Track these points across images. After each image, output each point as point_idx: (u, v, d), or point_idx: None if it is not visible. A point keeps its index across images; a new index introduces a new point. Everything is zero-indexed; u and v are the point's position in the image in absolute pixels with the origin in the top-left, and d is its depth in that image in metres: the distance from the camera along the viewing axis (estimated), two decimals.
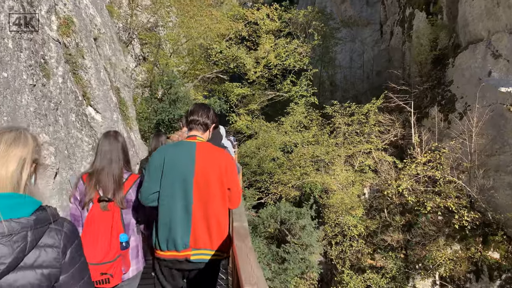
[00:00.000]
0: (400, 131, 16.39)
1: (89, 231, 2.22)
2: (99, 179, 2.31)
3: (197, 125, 2.37)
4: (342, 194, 12.99)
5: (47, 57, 3.70)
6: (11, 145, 1.10)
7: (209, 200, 2.18)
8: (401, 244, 13.84)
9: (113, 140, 2.42)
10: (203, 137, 2.40)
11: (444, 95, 15.58)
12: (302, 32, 21.49)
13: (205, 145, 2.33)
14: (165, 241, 2.18)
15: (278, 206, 9.39)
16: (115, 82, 5.47)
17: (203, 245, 2.19)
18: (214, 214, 2.20)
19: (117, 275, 2.25)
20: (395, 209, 15.17)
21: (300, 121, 16.21)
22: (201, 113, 2.40)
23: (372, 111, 14.41)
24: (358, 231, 12.29)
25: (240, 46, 14.72)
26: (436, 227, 13.18)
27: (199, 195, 2.17)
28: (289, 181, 13.53)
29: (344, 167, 14.39)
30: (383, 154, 14.43)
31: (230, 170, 2.28)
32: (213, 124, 2.45)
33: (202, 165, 2.21)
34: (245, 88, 17.78)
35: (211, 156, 2.27)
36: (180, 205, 2.16)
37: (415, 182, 12.31)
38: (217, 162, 2.24)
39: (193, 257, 2.18)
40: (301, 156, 14.44)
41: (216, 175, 2.22)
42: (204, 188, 2.18)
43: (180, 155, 2.23)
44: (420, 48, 17.67)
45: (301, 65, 19.77)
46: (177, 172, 2.18)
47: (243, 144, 19.20)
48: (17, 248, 1.03)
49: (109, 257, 2.20)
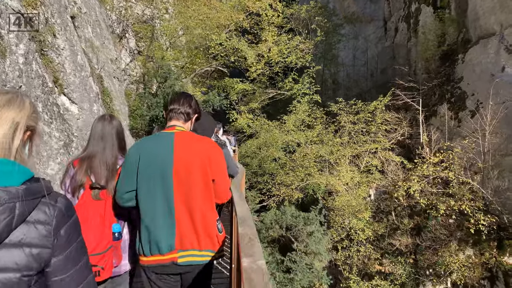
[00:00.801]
0: (408, 130, 15.74)
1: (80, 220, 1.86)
2: (91, 165, 2.16)
3: (177, 114, 2.15)
4: (348, 196, 12.33)
5: (3, 31, 3.03)
6: (4, 107, 1.03)
7: (192, 194, 1.97)
8: (410, 249, 13.18)
9: (107, 124, 2.26)
10: (184, 127, 2.15)
11: (453, 92, 14.93)
12: (304, 28, 20.82)
13: (184, 134, 2.08)
14: (147, 245, 1.96)
15: (283, 210, 8.69)
16: (98, 70, 4.79)
17: (190, 245, 1.97)
18: (199, 209, 1.98)
19: (108, 268, 2.10)
20: (403, 211, 14.51)
21: (303, 119, 15.55)
22: (182, 101, 2.18)
23: (379, 109, 13.74)
24: (366, 235, 11.62)
25: (241, 38, 13.89)
26: (447, 231, 12.52)
27: (181, 189, 1.96)
28: (292, 183, 12.86)
29: (349, 168, 13.73)
30: (390, 154, 13.76)
31: (215, 160, 2.05)
32: (195, 114, 2.23)
33: (181, 156, 1.98)
34: (246, 84, 16.94)
35: (192, 145, 2.03)
36: (161, 203, 1.95)
37: (426, 183, 11.64)
38: (199, 152, 2.02)
39: (180, 259, 1.96)
40: (304, 156, 13.77)
41: (199, 165, 1.99)
42: (186, 181, 1.96)
43: (157, 148, 2.00)
44: (427, 44, 17.04)
45: (303, 62, 19.10)
46: (154, 166, 1.96)
47: (243, 143, 18.57)
48: (3, 220, 0.92)
49: (100, 248, 2.05)
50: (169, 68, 8.13)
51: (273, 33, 16.16)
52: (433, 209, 11.25)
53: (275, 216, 8.73)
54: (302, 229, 7.99)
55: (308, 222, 8.27)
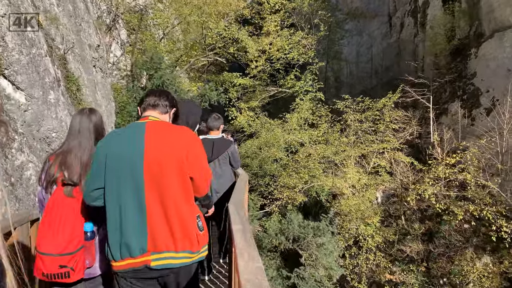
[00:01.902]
0: (417, 129, 14.91)
1: (50, 217, 1.98)
2: (65, 160, 2.07)
3: (152, 106, 1.97)
4: (356, 199, 11.49)
5: None
6: None
7: (166, 190, 1.76)
8: (422, 256, 12.33)
9: (85, 118, 2.16)
10: (160, 118, 1.95)
11: (466, 89, 14.12)
12: (306, 23, 19.97)
13: (158, 124, 1.87)
14: (117, 248, 1.76)
15: (289, 218, 7.83)
16: (61, 50, 3.89)
17: (165, 247, 1.76)
18: (174, 207, 1.78)
19: (79, 269, 1.99)
20: (413, 215, 13.68)
21: (307, 118, 14.70)
22: (159, 94, 2.03)
23: (388, 106, 12.90)
24: (375, 242, 10.78)
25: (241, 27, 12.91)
26: (462, 237, 11.69)
27: (153, 186, 1.76)
28: (296, 185, 12.01)
29: (356, 169, 12.89)
30: (399, 154, 12.93)
31: (192, 154, 1.83)
32: (173, 108, 2.05)
33: (153, 148, 1.77)
34: (247, 79, 15.96)
35: (165, 136, 1.82)
36: (131, 201, 1.75)
37: (442, 186, 10.80)
38: (174, 143, 1.81)
39: (154, 262, 1.75)
40: (308, 157, 12.93)
41: (173, 159, 1.77)
42: (159, 177, 1.76)
43: (126, 140, 1.82)
44: (436, 38, 16.24)
45: (305, 59, 18.28)
46: (123, 161, 1.77)
47: (243, 144, 17.77)
48: None
49: (70, 248, 1.94)
50: (160, 58, 7.24)
51: (276, 23, 15.18)
52: (449, 214, 10.40)
53: (280, 225, 7.85)
54: (311, 241, 7.14)
55: (318, 233, 7.41)
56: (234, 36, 11.99)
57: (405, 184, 13.72)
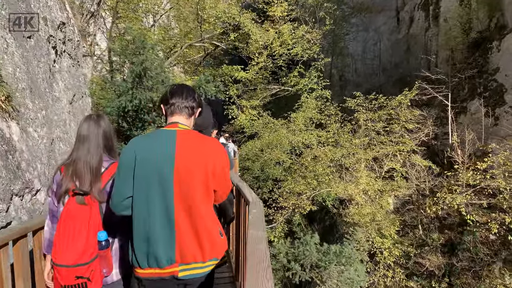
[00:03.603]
0: (433, 129, 13.73)
1: (64, 228, 1.92)
2: (75, 169, 1.98)
3: (181, 109, 1.82)
4: (370, 207, 10.28)
5: None
6: None
7: (194, 202, 1.69)
8: (443, 270, 11.13)
9: (93, 124, 2.07)
10: (187, 124, 1.84)
11: (487, 85, 12.94)
12: (311, 17, 18.80)
13: (188, 134, 1.77)
14: (144, 257, 1.70)
15: (305, 241, 6.55)
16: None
17: (193, 258, 1.71)
18: (201, 218, 1.71)
19: (96, 279, 1.94)
20: (431, 224, 12.49)
21: (313, 117, 13.49)
22: (185, 94, 1.85)
23: (404, 104, 11.70)
24: (393, 256, 9.57)
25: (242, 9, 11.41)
26: (489, 249, 10.49)
27: (182, 196, 1.68)
28: (303, 192, 10.79)
29: (368, 174, 11.68)
30: (416, 157, 11.73)
31: (220, 167, 1.75)
32: (199, 108, 1.92)
33: (184, 158, 1.69)
34: (250, 72, 14.59)
35: (196, 146, 1.73)
36: (159, 212, 1.68)
37: (473, 195, 9.59)
38: (204, 155, 1.71)
39: (181, 273, 1.72)
40: (316, 160, 11.71)
41: (201, 170, 1.69)
42: (187, 187, 1.68)
43: (156, 149, 1.69)
44: (451, 32, 15.07)
45: (310, 54, 17.10)
46: (153, 170, 1.66)
47: (243, 145, 16.61)
48: None
49: (85, 258, 1.89)
50: (143, 41, 5.96)
51: (283, 7, 13.78)
52: (480, 226, 9.20)
53: (293, 250, 6.54)
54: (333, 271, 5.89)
55: (342, 260, 6.14)
56: (235, 21, 10.60)
57: (422, 190, 12.53)
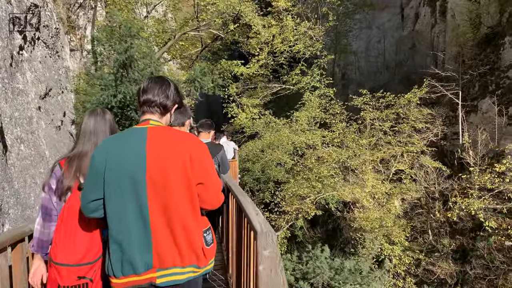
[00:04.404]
0: (441, 129, 13.12)
1: (66, 225, 1.81)
2: (80, 164, 1.87)
3: (151, 107, 1.69)
4: (378, 212, 9.66)
5: None
6: None
7: (170, 202, 1.56)
8: (456, 278, 10.52)
9: (100, 119, 2.00)
10: (161, 121, 1.70)
11: (500, 83, 12.34)
12: (313, 12, 18.17)
13: (160, 130, 1.64)
14: (119, 264, 1.57)
15: (314, 255, 5.94)
16: None
17: (172, 262, 1.58)
18: (180, 219, 1.58)
19: (98, 280, 1.82)
20: (440, 229, 11.88)
21: (317, 116, 12.87)
22: (157, 90, 1.70)
23: (413, 102, 11.08)
24: (404, 265, 8.95)
25: None
26: (506, 257, 9.88)
27: (157, 197, 1.56)
28: (307, 195, 10.17)
29: (375, 176, 11.06)
30: (426, 158, 11.12)
31: (198, 158, 1.60)
32: (174, 105, 1.77)
33: (156, 156, 1.57)
34: (251, 67, 13.83)
35: (168, 142, 1.60)
36: (133, 213, 1.55)
37: (491, 199, 8.96)
38: (178, 150, 1.58)
39: (159, 279, 1.59)
40: (321, 162, 11.09)
41: (178, 167, 1.56)
42: (162, 187, 1.55)
43: (126, 147, 1.60)
44: (460, 28, 14.47)
45: (312, 51, 16.48)
46: (123, 170, 1.56)
47: (243, 145, 15.99)
48: None
49: (89, 257, 1.79)
50: (130, 28, 5.28)
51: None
52: (496, 232, 8.58)
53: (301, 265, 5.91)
54: None
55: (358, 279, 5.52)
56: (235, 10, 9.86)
57: (431, 193, 11.92)
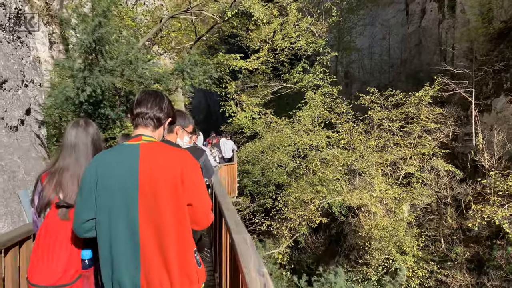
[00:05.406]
0: (453, 129, 12.40)
1: (43, 244, 1.78)
2: (60, 180, 1.84)
3: (145, 120, 1.66)
4: (389, 219, 8.93)
5: None
6: None
7: (162, 221, 1.51)
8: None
9: (81, 131, 1.94)
10: (154, 136, 1.67)
11: None
12: (315, 8, 17.46)
13: (152, 146, 1.61)
14: (109, 283, 1.56)
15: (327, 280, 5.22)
16: None
17: (159, 285, 1.53)
18: (172, 241, 1.53)
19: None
20: (453, 236, 11.15)
21: (320, 116, 12.13)
22: (151, 104, 1.67)
23: (425, 101, 10.35)
24: (418, 278, 8.22)
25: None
26: None
27: (148, 216, 1.52)
28: (312, 201, 9.44)
29: (385, 180, 10.32)
30: (438, 161, 10.39)
31: (189, 178, 1.56)
32: (168, 118, 1.74)
33: (148, 175, 1.54)
34: (251, 61, 12.98)
35: (161, 160, 1.57)
36: (123, 233, 1.53)
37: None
38: (170, 168, 1.55)
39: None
40: (325, 165, 10.34)
41: (169, 185, 1.53)
42: (154, 206, 1.52)
43: (119, 166, 1.57)
44: (471, 23, 13.75)
45: (314, 48, 15.76)
46: (116, 190, 1.55)
47: (242, 146, 15.27)
48: None
49: (66, 278, 1.76)
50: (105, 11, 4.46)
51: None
52: None
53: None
54: None
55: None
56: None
57: (443, 198, 11.19)
